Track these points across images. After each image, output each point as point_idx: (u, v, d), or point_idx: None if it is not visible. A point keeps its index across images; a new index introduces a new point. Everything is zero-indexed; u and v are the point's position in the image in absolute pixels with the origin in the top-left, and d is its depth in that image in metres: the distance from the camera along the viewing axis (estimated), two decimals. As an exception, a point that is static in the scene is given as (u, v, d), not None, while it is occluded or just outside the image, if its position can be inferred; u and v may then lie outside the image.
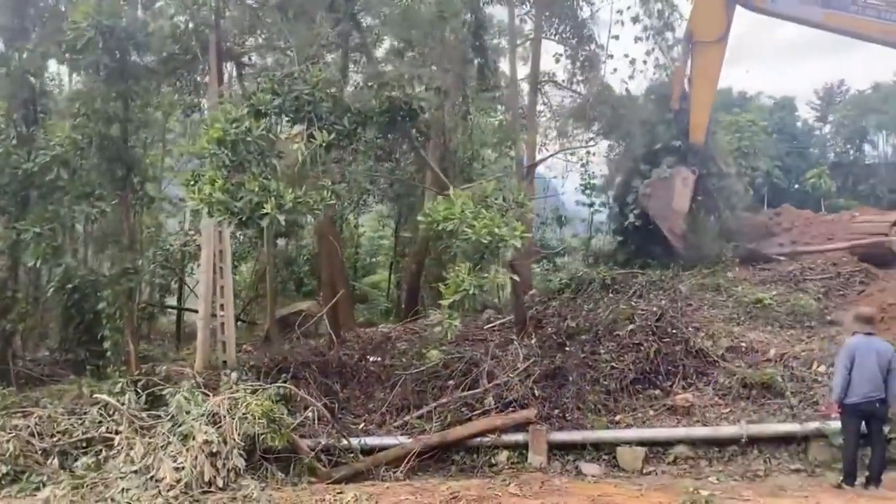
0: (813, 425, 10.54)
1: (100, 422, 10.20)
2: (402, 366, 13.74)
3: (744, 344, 12.81)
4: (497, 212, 10.37)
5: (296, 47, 11.46)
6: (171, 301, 22.66)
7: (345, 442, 11.14)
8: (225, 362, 13.63)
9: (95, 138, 12.78)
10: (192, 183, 10.21)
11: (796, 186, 42.29)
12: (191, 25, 13.96)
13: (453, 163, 19.16)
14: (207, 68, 15.72)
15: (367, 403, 12.85)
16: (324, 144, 10.45)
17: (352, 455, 11.05)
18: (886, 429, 9.14)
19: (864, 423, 8.75)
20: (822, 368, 11.79)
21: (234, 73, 17.04)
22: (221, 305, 14.06)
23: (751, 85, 49.78)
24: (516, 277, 11.56)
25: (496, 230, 9.73)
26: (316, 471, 10.28)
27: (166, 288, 22.04)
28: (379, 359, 14.49)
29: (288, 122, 11.55)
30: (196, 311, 20.71)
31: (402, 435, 11.62)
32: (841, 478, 8.84)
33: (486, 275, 9.66)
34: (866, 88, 49.41)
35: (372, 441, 11.48)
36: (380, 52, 19.10)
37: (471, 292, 9.56)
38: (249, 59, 16.88)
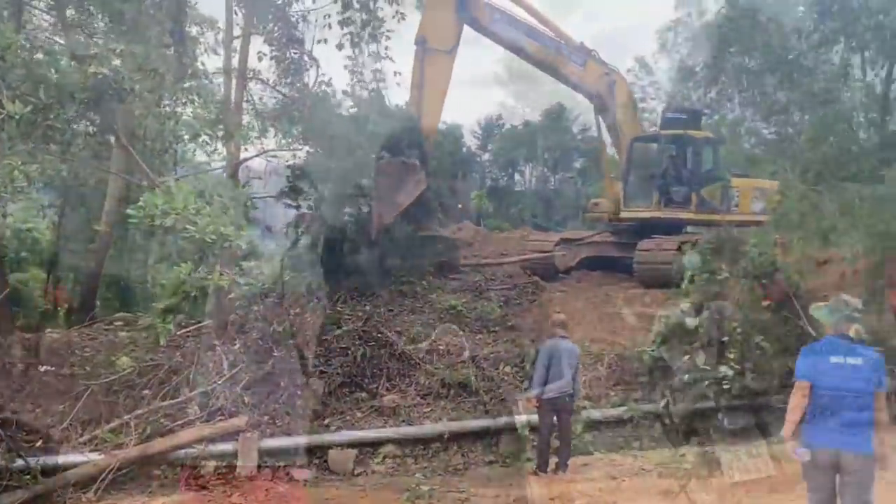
0: (503, 420, 11.71)
1: None
2: (86, 375, 12.26)
3: (441, 346, 13.72)
4: (220, 209, 9.87)
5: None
6: None
7: (20, 462, 9.61)
8: None
9: None
10: None
11: (460, 206, 46.57)
12: None
13: (143, 152, 17.55)
14: None
15: (44, 418, 11.23)
16: (16, 118, 8.98)
17: (29, 476, 9.58)
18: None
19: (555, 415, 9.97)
20: (508, 369, 13.18)
21: None
22: None
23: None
24: (240, 280, 11.06)
25: (222, 228, 9.27)
26: (-15, 499, 8.73)
27: None
28: (53, 368, 12.77)
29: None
30: None
31: (91, 451, 10.37)
32: (535, 465, 9.95)
33: (209, 276, 9.12)
34: (519, 124, 56.50)
35: (54, 460, 10.07)
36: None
37: (192, 294, 8.97)
38: None
